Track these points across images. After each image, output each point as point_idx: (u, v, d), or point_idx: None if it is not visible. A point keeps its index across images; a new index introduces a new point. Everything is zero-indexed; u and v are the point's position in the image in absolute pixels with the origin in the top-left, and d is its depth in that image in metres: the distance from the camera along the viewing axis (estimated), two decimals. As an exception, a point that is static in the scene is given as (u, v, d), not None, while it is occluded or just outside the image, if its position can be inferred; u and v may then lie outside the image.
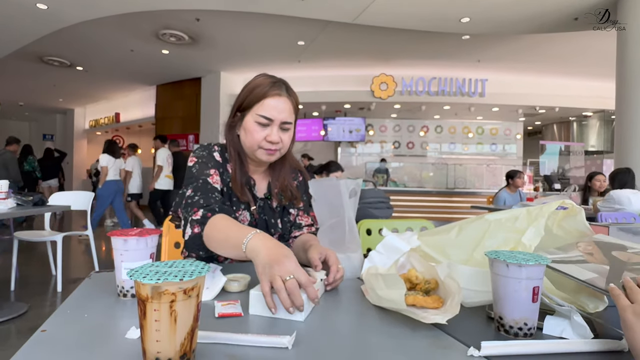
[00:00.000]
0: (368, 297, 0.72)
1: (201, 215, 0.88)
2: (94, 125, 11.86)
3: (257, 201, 1.04)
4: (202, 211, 0.89)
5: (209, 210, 0.89)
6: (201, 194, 0.92)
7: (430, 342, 0.55)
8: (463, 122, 9.71)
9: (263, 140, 0.96)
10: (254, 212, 1.03)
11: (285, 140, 0.99)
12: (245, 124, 0.98)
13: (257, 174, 1.07)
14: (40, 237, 2.99)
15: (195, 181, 0.95)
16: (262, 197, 1.06)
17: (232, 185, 1.00)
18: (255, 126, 0.96)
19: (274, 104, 0.95)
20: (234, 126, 1.02)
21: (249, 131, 0.97)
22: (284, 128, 0.97)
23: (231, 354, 0.49)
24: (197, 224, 0.87)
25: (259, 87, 0.96)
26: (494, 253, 0.60)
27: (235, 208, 1.01)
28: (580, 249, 0.72)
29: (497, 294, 0.58)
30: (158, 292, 0.41)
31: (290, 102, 0.98)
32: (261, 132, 0.96)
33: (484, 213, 0.81)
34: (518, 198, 4.32)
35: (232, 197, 1.01)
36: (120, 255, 0.67)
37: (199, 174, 0.96)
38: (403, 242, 0.80)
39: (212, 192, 0.94)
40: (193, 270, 0.44)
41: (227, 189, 1.01)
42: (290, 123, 0.99)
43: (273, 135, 0.95)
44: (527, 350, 0.51)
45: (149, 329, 0.42)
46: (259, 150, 0.98)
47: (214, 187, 0.95)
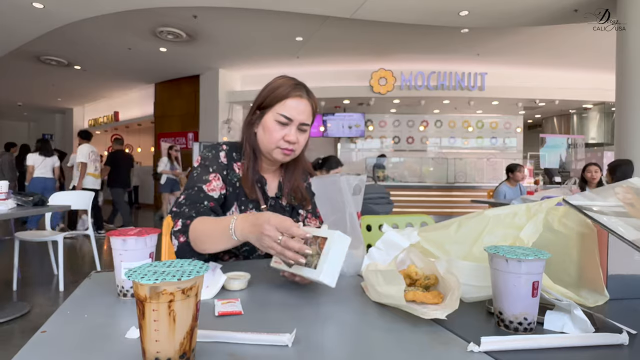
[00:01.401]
0: (368, 293, 0.72)
1: (181, 225, 0.90)
2: (93, 124, 11.84)
3: (267, 200, 1.06)
4: (180, 221, 0.91)
5: (187, 218, 0.91)
6: (190, 204, 0.94)
7: (430, 338, 0.55)
8: (463, 116, 9.69)
9: (281, 140, 0.98)
10: (264, 210, 1.04)
11: (301, 141, 1.01)
12: (264, 122, 1.00)
13: (269, 173, 1.09)
14: (41, 237, 3.00)
15: (191, 188, 0.97)
16: (273, 197, 1.07)
17: (242, 183, 1.02)
18: (275, 125, 0.98)
19: (295, 105, 0.97)
20: (253, 123, 1.03)
21: (267, 129, 0.99)
22: (301, 129, 1.00)
23: (231, 352, 0.49)
24: (180, 233, 0.89)
25: (282, 87, 0.99)
26: (493, 248, 0.59)
27: (243, 207, 1.02)
28: (620, 196, 0.65)
29: (497, 289, 0.58)
30: (156, 292, 0.41)
31: (310, 105, 1.01)
32: (280, 131, 0.98)
33: (484, 207, 0.81)
34: (518, 192, 4.32)
35: (240, 196, 1.02)
36: (119, 255, 0.67)
37: (197, 181, 0.98)
38: (403, 238, 0.80)
39: (203, 201, 0.95)
40: (191, 270, 0.44)
41: (234, 189, 1.02)
42: (308, 125, 1.01)
43: (291, 135, 0.97)
44: (528, 345, 0.51)
45: (148, 329, 0.42)
46: (275, 150, 0.99)
47: (208, 195, 0.96)
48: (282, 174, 1.11)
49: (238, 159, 1.05)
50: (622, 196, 0.64)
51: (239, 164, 1.04)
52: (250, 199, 1.03)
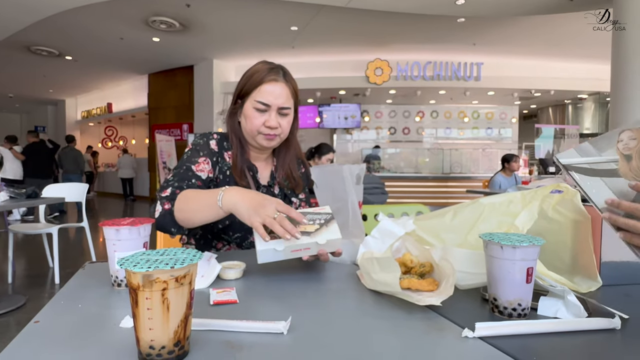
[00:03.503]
0: (363, 281, 0.72)
1: (170, 192, 0.90)
2: (86, 116, 11.71)
3: (259, 188, 1.06)
4: (170, 189, 0.91)
5: (178, 188, 0.91)
6: (178, 179, 0.94)
7: (425, 324, 0.55)
8: (459, 106, 9.69)
9: (262, 126, 0.98)
10: None
11: (284, 125, 1.00)
12: (244, 111, 1.00)
13: (260, 161, 1.09)
14: (35, 229, 2.98)
15: (180, 167, 0.98)
16: (265, 185, 1.07)
17: (232, 170, 1.02)
18: (253, 112, 0.98)
19: (270, 90, 0.97)
20: (235, 113, 1.04)
21: (248, 117, 0.99)
22: (282, 113, 0.99)
23: (227, 340, 0.49)
24: (166, 200, 0.89)
25: (256, 73, 0.98)
26: (488, 235, 0.60)
27: None
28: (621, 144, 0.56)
29: (492, 275, 0.58)
30: (149, 280, 0.40)
31: (287, 88, 1.00)
32: (260, 117, 0.98)
33: (479, 197, 0.81)
34: (513, 181, 4.34)
35: (230, 183, 1.02)
36: (113, 245, 0.66)
37: (187, 161, 0.99)
38: (398, 227, 0.80)
39: (191, 179, 0.95)
40: (185, 258, 0.43)
41: (224, 177, 1.02)
42: (289, 108, 1.00)
43: (271, 121, 0.97)
44: (521, 330, 0.51)
45: (141, 317, 0.41)
46: (258, 136, 1.00)
47: (196, 174, 0.97)
48: (274, 162, 1.11)
49: (228, 148, 1.05)
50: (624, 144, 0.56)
51: (229, 153, 1.05)
52: (241, 185, 1.02)
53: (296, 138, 1.10)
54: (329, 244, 0.72)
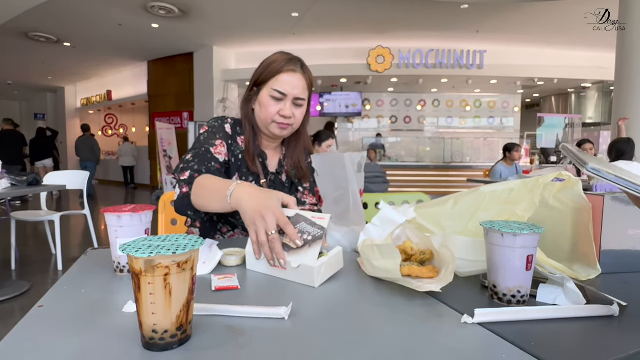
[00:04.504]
0: (364, 268, 0.73)
1: (188, 176, 0.90)
2: (86, 103, 11.64)
3: (268, 175, 1.07)
4: (189, 172, 0.91)
5: (196, 172, 0.91)
6: (198, 160, 0.94)
7: (425, 311, 0.56)
8: (461, 95, 9.61)
9: (276, 115, 0.99)
10: (263, 184, 1.05)
11: (297, 116, 1.02)
12: (260, 98, 1.01)
13: (269, 149, 1.10)
14: (37, 217, 2.99)
15: (198, 148, 0.98)
16: (274, 172, 1.09)
17: (245, 154, 1.04)
18: (269, 100, 0.99)
19: (288, 80, 0.98)
20: (250, 100, 1.05)
21: (263, 105, 1.00)
22: (297, 104, 1.01)
23: (229, 325, 0.50)
24: (185, 184, 0.89)
25: (275, 62, 1.00)
26: (489, 223, 0.60)
27: (244, 179, 1.03)
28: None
29: (492, 262, 0.59)
30: (151, 265, 0.41)
31: (304, 79, 1.01)
32: (275, 106, 0.99)
33: (480, 186, 0.81)
34: (514, 171, 4.34)
35: (242, 168, 1.04)
36: (115, 232, 0.67)
37: (205, 142, 1.00)
38: (399, 215, 0.80)
39: (210, 161, 0.96)
40: (187, 244, 0.44)
41: (236, 160, 1.04)
42: (304, 99, 1.02)
43: (286, 110, 0.99)
44: (520, 316, 0.52)
45: (144, 302, 0.42)
46: (272, 125, 1.01)
47: (215, 156, 0.98)
48: (283, 151, 1.12)
49: (241, 133, 1.07)
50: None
51: (241, 138, 1.06)
52: (252, 171, 1.04)
53: (306, 130, 1.12)
54: (301, 270, 0.65)
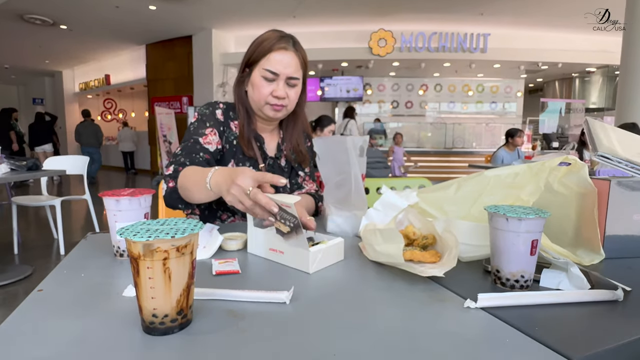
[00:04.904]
0: (365, 253, 0.72)
1: (173, 170, 0.89)
2: (84, 88, 11.53)
3: (266, 159, 1.05)
4: (173, 166, 0.90)
5: (181, 165, 0.90)
6: (185, 153, 0.93)
7: (427, 295, 0.55)
8: (463, 79, 9.48)
9: (269, 96, 0.96)
10: (262, 169, 1.03)
11: (291, 96, 0.98)
12: (252, 79, 0.98)
13: (266, 132, 1.07)
14: (38, 202, 2.99)
15: (187, 140, 0.97)
16: (272, 157, 1.07)
17: (239, 139, 1.01)
18: (261, 81, 0.96)
19: (279, 58, 0.95)
20: (243, 82, 1.02)
21: (255, 86, 0.97)
22: (290, 84, 0.97)
23: (229, 309, 0.49)
24: (170, 178, 0.89)
25: (266, 41, 0.96)
26: (493, 207, 0.59)
27: (241, 165, 1.01)
28: None
29: (496, 247, 0.58)
30: (150, 249, 0.40)
31: (297, 58, 0.97)
32: (267, 87, 0.96)
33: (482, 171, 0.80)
34: (516, 157, 4.31)
35: (237, 154, 1.02)
36: (113, 216, 0.66)
37: (194, 133, 0.98)
38: (401, 199, 0.79)
39: (199, 152, 0.94)
40: (185, 228, 0.43)
41: (231, 146, 1.01)
42: (297, 79, 0.98)
43: (279, 91, 0.95)
44: (523, 301, 0.51)
45: (143, 286, 0.41)
46: (265, 107, 0.98)
47: (204, 147, 0.96)
48: (281, 134, 1.10)
49: (235, 118, 1.04)
50: None
51: (235, 123, 1.03)
52: (248, 156, 1.02)
53: (304, 111, 1.09)
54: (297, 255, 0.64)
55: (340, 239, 0.69)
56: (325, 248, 0.65)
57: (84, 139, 7.71)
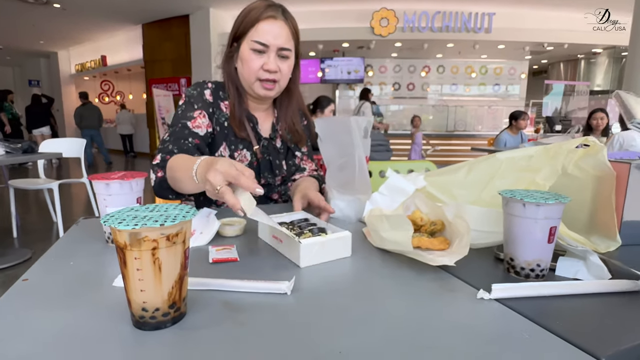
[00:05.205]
0: (370, 239, 0.69)
1: (160, 159, 0.85)
2: (80, 69, 11.33)
3: (260, 140, 1.00)
4: (160, 155, 0.86)
5: (168, 153, 0.85)
6: (173, 139, 0.88)
7: (437, 285, 0.52)
8: (466, 61, 9.30)
9: (260, 70, 0.90)
10: (257, 151, 0.98)
11: (284, 70, 0.92)
12: (241, 54, 0.92)
13: (259, 111, 1.01)
14: (35, 185, 2.96)
15: (175, 125, 0.91)
16: (267, 137, 1.01)
17: (230, 120, 0.95)
18: (250, 54, 0.89)
19: (268, 28, 0.88)
20: (231, 57, 0.95)
21: (245, 61, 0.91)
22: (282, 55, 0.91)
23: (226, 300, 0.46)
24: (158, 168, 0.85)
25: (253, 10, 0.89)
26: (508, 192, 0.55)
27: (233, 147, 0.96)
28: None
29: (510, 234, 0.54)
30: (137, 239, 0.36)
31: (287, 27, 0.91)
32: (257, 60, 0.89)
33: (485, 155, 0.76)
34: (519, 140, 4.25)
35: (229, 136, 0.96)
36: (103, 201, 0.62)
37: (182, 117, 0.92)
38: (408, 183, 0.75)
39: (187, 137, 0.89)
40: (177, 215, 0.39)
41: (222, 128, 0.96)
42: (289, 50, 0.91)
43: (270, 64, 0.89)
44: (541, 292, 0.48)
45: (131, 278, 0.38)
46: (256, 83, 0.92)
47: (193, 131, 0.90)
48: (275, 113, 1.04)
49: (225, 98, 0.98)
50: None
51: (225, 103, 0.97)
52: (240, 137, 0.96)
53: (298, 88, 1.02)
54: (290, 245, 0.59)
55: (347, 232, 0.61)
56: (323, 241, 0.58)
57: (86, 122, 7.57)
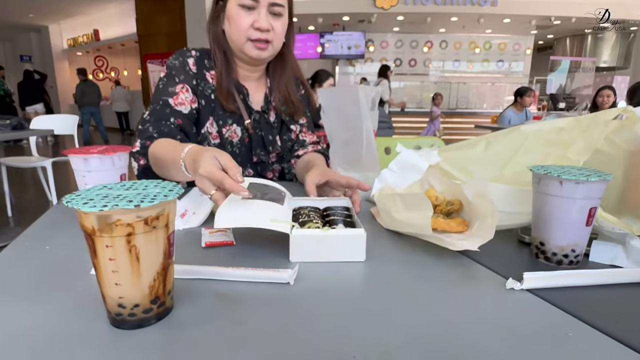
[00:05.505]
0: (380, 220, 0.63)
1: (140, 145, 0.78)
2: (73, 44, 11.01)
3: (251, 114, 0.90)
4: (139, 141, 0.78)
5: (148, 138, 0.77)
6: (154, 120, 0.80)
7: (458, 272, 0.46)
8: (470, 36, 9.03)
9: (250, 29, 0.80)
10: (248, 126, 0.89)
11: (277, 28, 0.82)
12: (228, 12, 0.82)
13: (250, 81, 0.91)
14: (28, 163, 2.88)
15: (156, 102, 0.82)
16: (259, 110, 0.92)
17: (217, 92, 0.86)
18: (239, 11, 0.80)
19: None
20: (218, 17, 0.85)
21: (233, 19, 0.81)
22: (274, 12, 0.81)
23: (220, 292, 0.40)
24: (139, 155, 0.78)
25: None
26: (540, 168, 0.48)
27: (221, 122, 0.87)
28: None
29: (542, 216, 0.48)
30: (107, 223, 0.30)
31: None
32: (247, 17, 0.80)
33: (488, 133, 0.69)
34: (524, 117, 4.15)
35: (216, 110, 0.87)
36: (82, 178, 0.55)
37: (163, 92, 0.83)
38: (421, 159, 0.68)
39: (169, 117, 0.80)
40: (157, 194, 0.32)
41: (208, 102, 0.86)
42: (282, 6, 0.82)
43: (261, 21, 0.79)
44: (581, 281, 0.43)
45: (103, 270, 0.31)
46: (247, 44, 0.82)
47: (175, 109, 0.81)
48: (268, 83, 0.94)
49: (211, 67, 0.88)
50: None
51: (212, 73, 0.87)
52: (228, 111, 0.87)
53: (292, 53, 0.92)
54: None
55: (362, 231, 0.49)
56: (322, 236, 0.47)
57: (87, 99, 7.34)
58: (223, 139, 0.88)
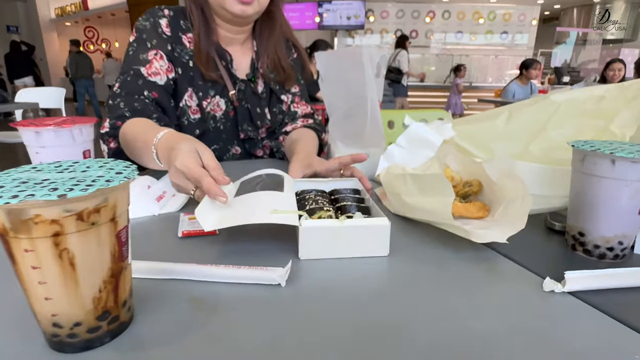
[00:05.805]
0: (387, 203, 0.55)
1: (109, 126, 0.68)
2: (61, 14, 10.57)
3: (236, 84, 0.79)
4: (108, 122, 0.68)
5: (119, 118, 0.67)
6: (125, 95, 0.69)
7: (482, 269, 0.39)
8: (474, 5, 8.69)
9: None
10: (232, 97, 0.79)
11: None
12: None
13: (234, 45, 0.80)
14: (13, 138, 2.77)
15: (127, 72, 0.71)
16: (244, 79, 0.81)
17: (195, 58, 0.75)
18: None
19: None
20: None
21: None
22: None
23: (195, 296, 0.33)
24: (109, 137, 0.68)
25: None
26: (585, 143, 0.40)
27: (201, 94, 0.77)
28: None
29: (585, 200, 0.40)
30: (22, 220, 0.21)
31: None
32: None
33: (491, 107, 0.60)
34: (529, 91, 4.02)
35: (195, 79, 0.76)
36: (36, 155, 0.47)
37: (133, 61, 0.72)
38: (433, 133, 0.60)
39: (142, 90, 0.70)
40: (98, 177, 0.24)
41: (186, 70, 0.75)
42: None
43: None
44: (633, 282, 0.35)
45: (27, 281, 0.23)
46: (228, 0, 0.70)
47: (148, 80, 0.71)
48: (255, 47, 0.82)
49: (188, 29, 0.76)
50: None
51: (188, 36, 0.76)
52: (209, 79, 0.76)
53: (282, 12, 0.80)
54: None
55: (385, 220, 0.40)
56: (337, 227, 0.39)
57: (82, 71, 7.05)
58: (204, 114, 0.77)
